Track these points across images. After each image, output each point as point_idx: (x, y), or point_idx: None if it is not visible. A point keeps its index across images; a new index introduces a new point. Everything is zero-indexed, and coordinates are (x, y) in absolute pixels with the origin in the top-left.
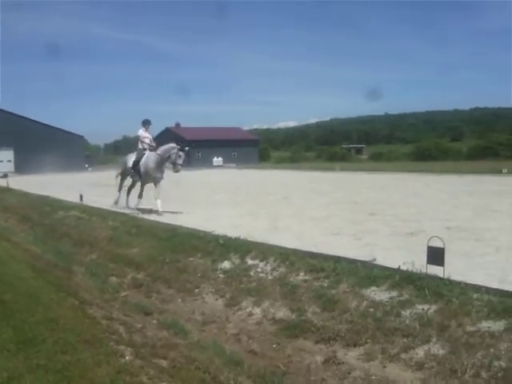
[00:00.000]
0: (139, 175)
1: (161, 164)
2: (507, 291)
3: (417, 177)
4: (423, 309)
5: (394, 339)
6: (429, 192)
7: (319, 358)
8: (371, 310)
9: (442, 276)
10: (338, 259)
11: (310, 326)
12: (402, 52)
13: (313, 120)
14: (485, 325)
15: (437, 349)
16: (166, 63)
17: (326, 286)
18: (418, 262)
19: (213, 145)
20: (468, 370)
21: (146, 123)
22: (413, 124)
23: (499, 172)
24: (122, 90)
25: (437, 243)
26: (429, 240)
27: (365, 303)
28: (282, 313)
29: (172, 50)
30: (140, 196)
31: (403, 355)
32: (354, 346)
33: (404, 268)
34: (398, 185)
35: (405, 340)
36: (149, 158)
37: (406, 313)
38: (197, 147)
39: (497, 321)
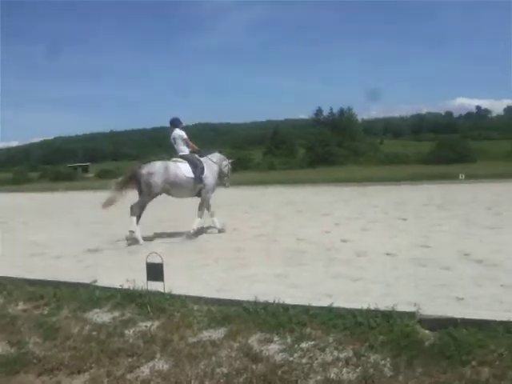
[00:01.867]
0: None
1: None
2: (224, 299)
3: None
4: (146, 326)
5: (119, 360)
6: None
7: None
8: (94, 333)
9: (163, 291)
10: (57, 284)
11: (31, 359)
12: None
13: (37, 139)
14: (206, 334)
15: (161, 364)
16: None
17: (47, 313)
18: (139, 280)
19: None
20: (192, 381)
21: (180, 122)
22: (138, 141)
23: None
24: None
25: (156, 259)
26: (147, 257)
27: (88, 327)
28: (1, 348)
29: None
30: (213, 214)
31: (129, 375)
32: (79, 372)
33: (125, 287)
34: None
35: (129, 360)
36: (211, 167)
37: (130, 332)
38: None
39: (217, 329)
